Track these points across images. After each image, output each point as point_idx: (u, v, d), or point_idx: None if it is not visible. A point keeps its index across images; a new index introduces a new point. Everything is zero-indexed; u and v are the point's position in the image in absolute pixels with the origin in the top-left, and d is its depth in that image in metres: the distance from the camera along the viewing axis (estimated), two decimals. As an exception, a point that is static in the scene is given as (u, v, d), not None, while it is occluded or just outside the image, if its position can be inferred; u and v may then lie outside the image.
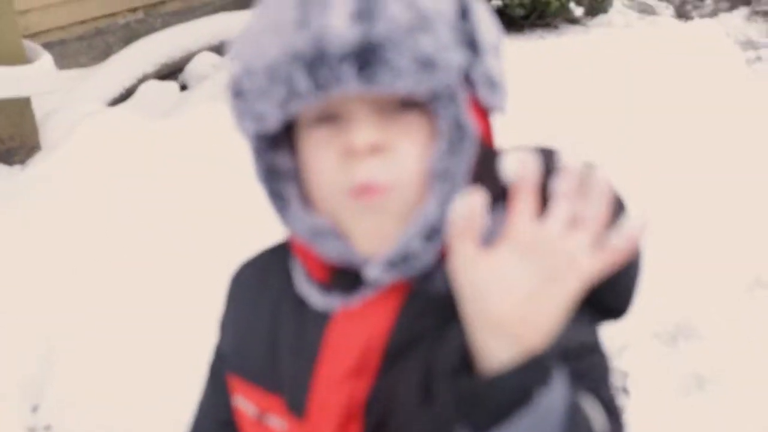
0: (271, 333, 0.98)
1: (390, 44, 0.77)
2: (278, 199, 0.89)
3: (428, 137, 0.84)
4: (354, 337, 0.89)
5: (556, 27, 4.45)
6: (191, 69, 5.01)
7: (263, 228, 3.24)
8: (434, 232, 0.83)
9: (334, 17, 0.77)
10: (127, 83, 4.80)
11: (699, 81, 4.04)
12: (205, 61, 5.02)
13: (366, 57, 0.76)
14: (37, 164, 3.98)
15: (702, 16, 4.86)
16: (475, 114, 0.85)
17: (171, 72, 5.00)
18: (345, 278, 0.88)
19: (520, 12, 4.36)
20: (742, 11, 4.88)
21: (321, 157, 0.84)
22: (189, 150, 3.71)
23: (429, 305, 0.87)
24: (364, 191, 0.83)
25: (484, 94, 0.85)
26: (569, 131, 3.66)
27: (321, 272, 0.89)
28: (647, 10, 4.95)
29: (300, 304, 0.94)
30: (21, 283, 2.97)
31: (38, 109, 4.35)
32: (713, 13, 4.92)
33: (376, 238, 0.84)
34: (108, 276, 2.95)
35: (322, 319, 0.92)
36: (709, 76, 4.10)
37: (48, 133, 4.34)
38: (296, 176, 0.89)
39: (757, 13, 4.86)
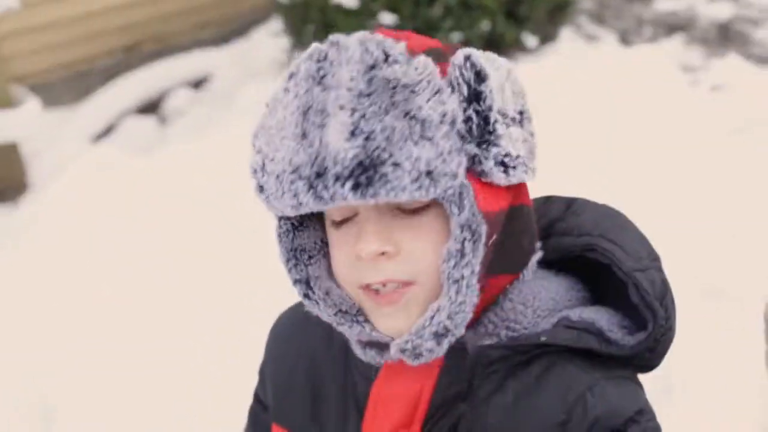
0: (314, 387, 1.01)
1: (386, 159, 0.76)
2: (301, 284, 0.91)
3: (442, 231, 0.84)
4: (401, 392, 0.92)
5: (509, 57, 4.72)
6: (169, 104, 5.24)
7: (243, 265, 3.42)
8: (444, 334, 0.84)
9: (331, 133, 0.77)
10: (109, 120, 5.03)
11: (645, 104, 4.27)
12: (182, 96, 5.25)
13: (362, 174, 0.76)
14: (26, 205, 4.18)
15: (643, 42, 5.16)
16: (491, 195, 0.84)
17: (150, 107, 5.22)
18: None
19: (477, 46, 4.65)
20: (680, 37, 5.20)
21: (336, 255, 0.88)
22: (170, 188, 3.85)
23: (472, 359, 0.89)
24: (381, 297, 0.86)
25: (498, 177, 0.84)
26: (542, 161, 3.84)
27: None
28: (593, 38, 5.24)
29: (344, 358, 0.99)
30: (10, 324, 3.06)
31: (25, 148, 4.56)
32: (653, 39, 5.22)
33: (395, 330, 0.87)
34: (95, 318, 3.04)
35: (367, 372, 0.95)
36: (653, 101, 4.33)
37: (36, 172, 4.56)
38: (324, 253, 0.92)
39: (694, 39, 5.19)
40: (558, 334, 0.89)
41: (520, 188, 0.89)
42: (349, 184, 0.76)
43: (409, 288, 0.85)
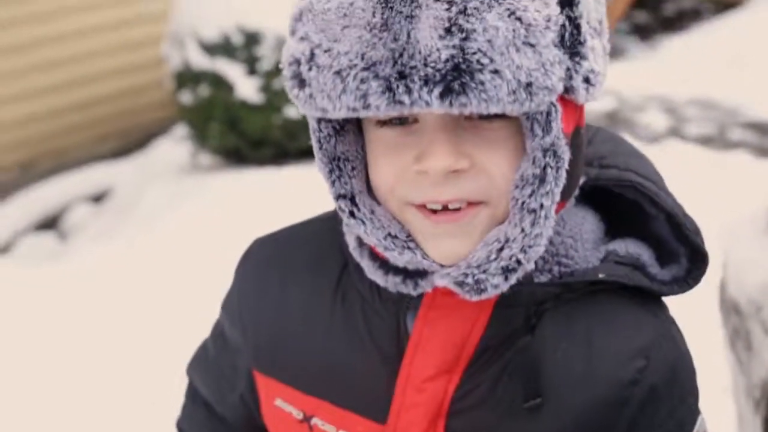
0: (327, 330, 0.88)
1: (486, 64, 0.67)
2: (346, 199, 0.79)
3: (515, 149, 0.75)
4: (449, 332, 0.82)
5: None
6: (68, 219, 5.09)
7: (148, 371, 3.28)
8: (514, 269, 0.76)
9: (423, 28, 0.67)
10: (4, 238, 4.83)
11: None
12: (82, 211, 5.12)
13: (456, 79, 0.67)
14: None
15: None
16: (569, 115, 0.76)
17: (48, 223, 5.06)
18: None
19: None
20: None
21: (389, 164, 0.76)
22: (75, 297, 3.71)
23: (526, 297, 0.81)
24: (441, 214, 0.75)
25: (581, 95, 0.75)
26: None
27: None
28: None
29: (366, 296, 0.86)
30: None
31: None
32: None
33: (453, 255, 0.77)
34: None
35: (399, 312, 0.84)
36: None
37: (-75, 292, 4.31)
38: (364, 164, 0.81)
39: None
40: (613, 270, 0.84)
41: (582, 107, 0.80)
42: (438, 90, 0.67)
43: (477, 208, 0.76)
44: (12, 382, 3.09)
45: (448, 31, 0.67)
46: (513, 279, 0.76)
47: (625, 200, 0.88)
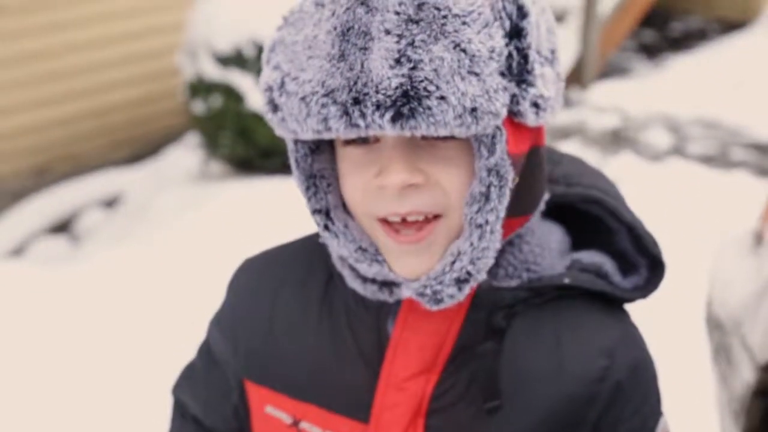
0: (315, 338, 0.94)
1: (432, 91, 0.72)
2: (321, 214, 0.85)
3: (468, 167, 0.80)
4: (426, 334, 0.88)
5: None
6: (80, 223, 5.18)
7: (163, 373, 3.35)
8: (465, 280, 0.81)
9: (375, 59, 0.73)
10: (18, 240, 4.93)
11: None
12: (94, 215, 5.21)
13: (405, 105, 0.72)
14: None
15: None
16: (519, 136, 0.81)
17: (60, 227, 5.15)
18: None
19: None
20: (577, 139, 5.58)
21: (354, 179, 0.82)
22: (86, 299, 3.76)
23: (498, 300, 0.87)
24: (403, 236, 0.81)
25: (531, 119, 0.80)
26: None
27: None
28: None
29: (350, 304, 0.92)
30: None
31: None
32: (550, 142, 5.58)
33: (416, 272, 0.83)
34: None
35: (380, 317, 0.90)
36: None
37: (-59, 292, 4.40)
38: (338, 181, 0.86)
39: (589, 141, 5.57)
40: (578, 276, 0.90)
41: (540, 128, 0.86)
42: (389, 115, 0.72)
43: (434, 224, 0.81)
44: (24, 382, 3.14)
45: (397, 61, 0.72)
46: (466, 289, 0.82)
47: (590, 217, 0.96)
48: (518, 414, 0.87)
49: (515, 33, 0.77)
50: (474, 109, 0.74)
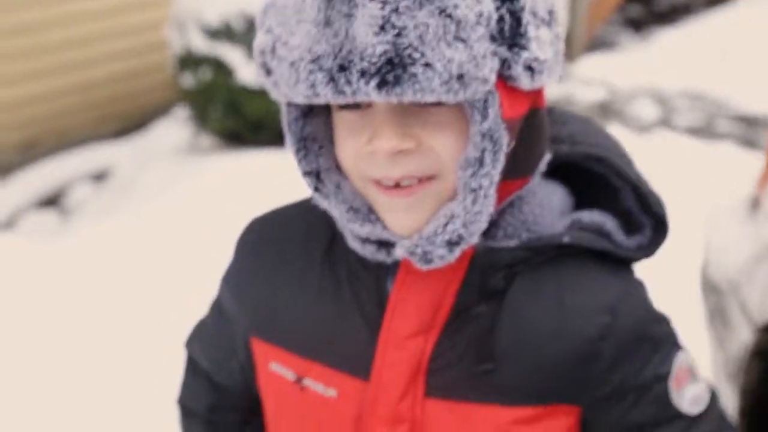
0: (317, 297, 0.94)
1: (417, 58, 0.72)
2: (312, 176, 0.86)
3: (461, 131, 0.79)
4: (423, 294, 0.88)
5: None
6: (70, 197, 5.17)
7: (155, 347, 3.34)
8: (457, 242, 0.81)
9: (359, 25, 0.72)
10: (7, 214, 4.91)
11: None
12: (83, 189, 5.19)
13: (390, 72, 0.72)
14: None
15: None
16: (514, 100, 0.79)
17: (50, 201, 5.13)
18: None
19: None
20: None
21: (348, 144, 0.82)
22: (77, 273, 3.78)
23: (496, 261, 0.86)
24: (395, 190, 0.81)
25: (524, 83, 0.78)
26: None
27: None
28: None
29: (351, 263, 0.92)
30: None
31: None
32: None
33: (408, 227, 0.83)
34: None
35: (379, 277, 0.90)
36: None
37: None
38: (331, 144, 0.86)
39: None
40: (578, 235, 0.90)
41: (539, 90, 0.85)
42: (374, 82, 0.72)
43: (427, 184, 0.81)
44: (14, 357, 3.14)
45: (382, 28, 0.71)
46: (457, 251, 0.81)
47: (594, 176, 0.96)
48: (521, 373, 0.88)
49: None
50: (461, 76, 0.73)
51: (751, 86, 5.82)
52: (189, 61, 4.61)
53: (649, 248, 0.94)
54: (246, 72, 4.46)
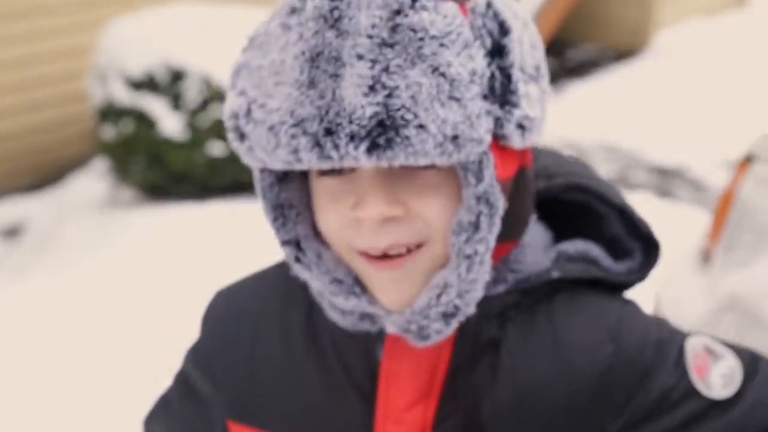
0: (302, 372, 0.89)
1: (410, 120, 0.67)
2: (291, 245, 0.81)
3: (451, 194, 0.76)
4: (417, 361, 0.84)
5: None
6: (-21, 255, 4.94)
7: (78, 423, 3.20)
8: (453, 314, 0.77)
9: (347, 86, 0.68)
10: None
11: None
12: (-6, 246, 4.98)
13: (381, 135, 0.67)
14: None
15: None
16: (506, 160, 0.76)
17: (-42, 259, 4.89)
18: None
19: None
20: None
21: (330, 211, 0.78)
22: None
23: (487, 311, 0.83)
24: (383, 261, 0.77)
25: (516, 141, 0.75)
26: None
27: None
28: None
29: (335, 333, 0.87)
30: None
31: None
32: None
33: (398, 301, 0.78)
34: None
35: (368, 345, 0.85)
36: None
37: None
38: (310, 209, 0.82)
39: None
40: (567, 267, 0.87)
41: (526, 150, 0.81)
42: (364, 146, 0.67)
43: (418, 251, 0.77)
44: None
45: (371, 88, 0.67)
46: (454, 323, 0.77)
47: (575, 207, 0.92)
48: (532, 425, 0.84)
49: (497, 51, 0.72)
50: (455, 137, 0.69)
51: (662, 138, 6.04)
52: (110, 112, 4.50)
53: (640, 272, 0.91)
54: (169, 123, 4.39)
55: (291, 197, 0.81)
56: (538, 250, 0.90)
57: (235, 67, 0.76)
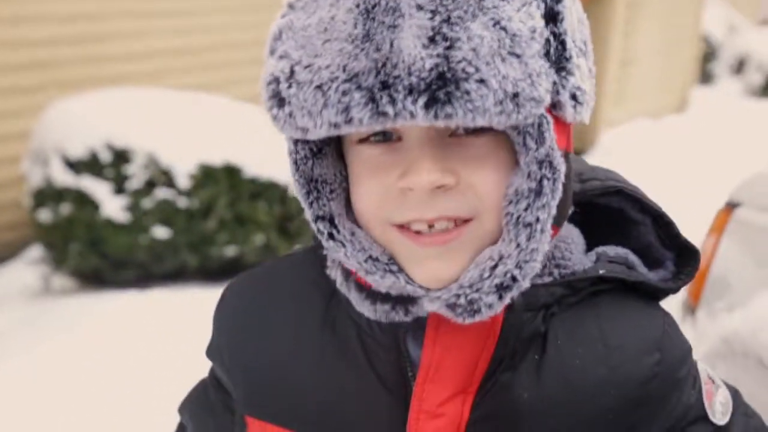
0: (320, 365, 0.84)
1: (471, 73, 0.65)
2: (325, 221, 0.78)
3: (502, 165, 0.74)
4: (462, 351, 0.79)
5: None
6: None
7: None
8: (509, 287, 0.73)
9: (406, 37, 0.66)
10: None
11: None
12: None
13: (440, 88, 0.65)
14: None
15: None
16: (559, 132, 0.74)
17: None
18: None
19: (252, 259, 4.63)
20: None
21: (373, 183, 0.75)
22: None
23: (533, 301, 0.80)
24: (427, 236, 0.73)
25: (569, 113, 0.73)
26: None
27: None
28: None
29: (361, 323, 0.82)
30: None
31: None
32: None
33: (440, 278, 0.75)
34: None
35: (398, 336, 0.81)
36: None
37: None
38: (343, 187, 0.79)
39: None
40: (612, 268, 0.85)
41: (570, 130, 0.78)
42: (422, 100, 0.64)
43: (465, 227, 0.73)
44: None
45: (431, 40, 0.65)
46: (507, 298, 0.73)
47: (606, 213, 0.90)
48: (575, 424, 0.80)
49: (551, 16, 0.71)
50: (516, 95, 0.66)
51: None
52: (48, 194, 4.31)
53: (674, 280, 0.88)
54: (111, 206, 4.22)
55: (325, 173, 0.78)
56: (581, 249, 0.88)
57: (276, 30, 0.73)
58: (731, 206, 2.08)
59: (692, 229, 2.94)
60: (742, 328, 1.81)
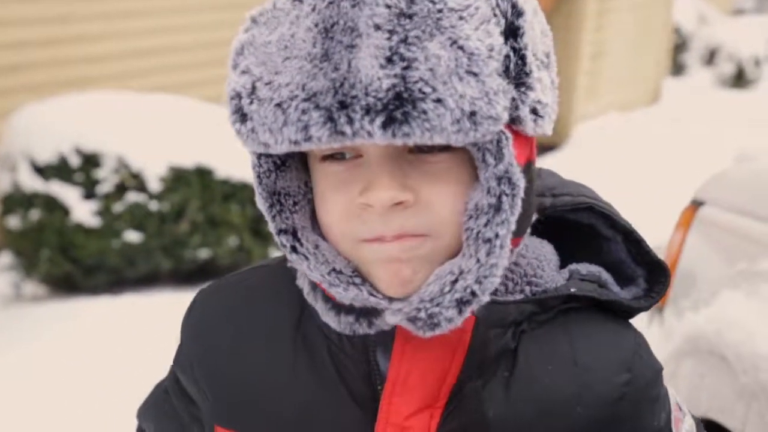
0: (291, 377, 0.84)
1: (428, 93, 0.66)
2: (287, 234, 0.78)
3: (461, 182, 0.74)
4: (429, 364, 0.79)
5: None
6: None
7: None
8: (468, 302, 0.73)
9: (364, 57, 0.67)
10: None
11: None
12: None
13: (398, 108, 0.66)
14: None
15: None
16: (519, 146, 0.75)
17: None
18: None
19: (226, 261, 4.59)
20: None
21: (335, 199, 0.76)
22: None
23: (503, 318, 0.80)
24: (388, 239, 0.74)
25: (530, 127, 0.75)
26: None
27: None
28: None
29: (331, 335, 0.82)
30: None
31: None
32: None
33: (403, 280, 0.75)
34: None
35: (367, 348, 0.81)
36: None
37: None
38: (308, 199, 0.80)
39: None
40: (583, 286, 0.85)
41: (533, 141, 0.79)
42: (380, 120, 0.66)
43: (421, 242, 0.74)
44: None
45: (389, 60, 0.66)
46: (467, 312, 0.74)
47: (578, 229, 0.90)
48: None
49: (511, 32, 0.72)
50: (473, 113, 0.67)
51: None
52: (17, 200, 4.27)
53: (646, 298, 0.89)
54: (82, 211, 4.18)
55: (288, 186, 0.79)
56: (553, 266, 0.88)
57: (238, 45, 0.74)
58: (696, 204, 2.09)
59: (661, 223, 2.95)
60: (707, 328, 1.83)
